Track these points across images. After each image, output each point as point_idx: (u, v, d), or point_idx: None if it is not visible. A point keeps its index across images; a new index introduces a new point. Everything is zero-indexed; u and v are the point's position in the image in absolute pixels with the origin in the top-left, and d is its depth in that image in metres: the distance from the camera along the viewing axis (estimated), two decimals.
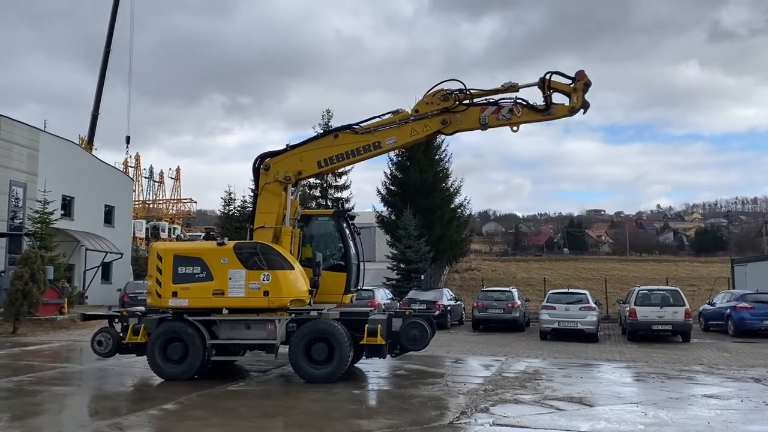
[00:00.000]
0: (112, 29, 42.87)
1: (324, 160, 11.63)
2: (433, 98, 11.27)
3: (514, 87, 11.10)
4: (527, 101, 11.11)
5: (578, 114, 11.06)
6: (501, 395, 9.76)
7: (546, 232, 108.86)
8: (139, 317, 11.40)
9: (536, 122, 11.41)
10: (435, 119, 11.29)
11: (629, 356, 15.77)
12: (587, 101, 10.98)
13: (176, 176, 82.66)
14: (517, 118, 11.10)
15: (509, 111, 11.08)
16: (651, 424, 7.92)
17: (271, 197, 11.61)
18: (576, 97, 10.89)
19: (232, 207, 41.34)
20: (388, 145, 11.64)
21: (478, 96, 11.29)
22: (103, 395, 10.31)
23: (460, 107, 11.19)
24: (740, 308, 21.55)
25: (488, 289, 26.03)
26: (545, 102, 11.00)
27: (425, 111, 11.29)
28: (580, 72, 10.90)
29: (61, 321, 21.62)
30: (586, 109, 11.04)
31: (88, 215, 33.69)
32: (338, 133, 11.65)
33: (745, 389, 10.70)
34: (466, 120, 11.26)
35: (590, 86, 10.93)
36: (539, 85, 11.02)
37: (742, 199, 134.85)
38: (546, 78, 10.92)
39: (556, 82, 10.97)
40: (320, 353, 10.55)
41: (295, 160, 11.71)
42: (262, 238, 11.28)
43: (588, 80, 10.87)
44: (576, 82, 10.87)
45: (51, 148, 31.11)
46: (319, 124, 39.79)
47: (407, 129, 11.40)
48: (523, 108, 11.10)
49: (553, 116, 11.10)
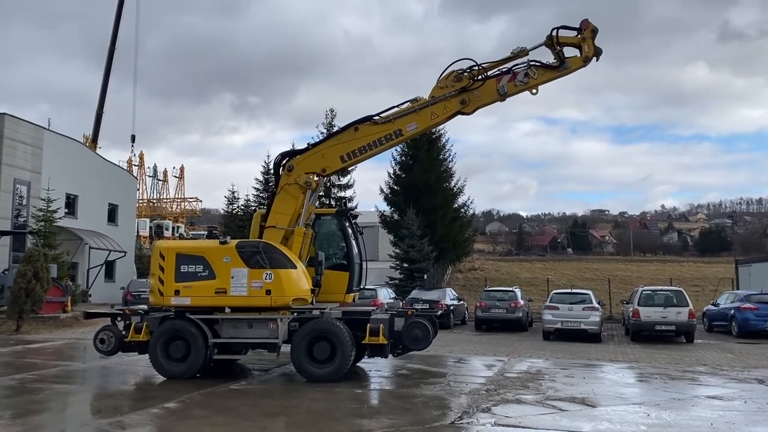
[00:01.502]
0: (117, 29, 43.02)
1: (347, 154, 11.56)
2: (447, 81, 11.23)
3: (524, 51, 11.13)
4: (540, 61, 11.15)
5: (592, 62, 11.04)
6: (503, 395, 9.73)
7: (550, 232, 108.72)
8: (141, 315, 11.41)
9: (554, 80, 11.33)
10: (454, 100, 11.25)
11: (632, 357, 15.72)
12: (599, 47, 10.98)
13: (180, 175, 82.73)
14: (534, 80, 11.12)
15: (525, 75, 11.09)
16: (653, 425, 7.89)
17: (289, 199, 11.54)
18: (587, 45, 10.92)
19: (236, 206, 41.41)
20: (409, 132, 11.58)
21: (491, 68, 11.28)
22: (105, 393, 10.33)
23: (476, 84, 11.15)
24: (744, 309, 21.47)
25: (491, 289, 25.99)
26: (558, 58, 11.03)
27: (442, 95, 11.26)
28: (584, 21, 10.95)
29: (64, 319, 21.67)
30: (599, 56, 11.05)
31: (92, 213, 33.77)
32: (358, 126, 11.57)
33: (748, 390, 10.65)
34: (484, 94, 11.25)
35: (597, 32, 10.94)
36: (547, 43, 11.06)
37: (747, 199, 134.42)
38: (553, 35, 10.95)
39: (563, 36, 11.01)
40: (322, 352, 10.54)
41: (317, 157, 11.66)
42: (271, 238, 11.25)
43: (594, 27, 10.91)
44: (583, 32, 10.91)
45: (55, 146, 31.18)
46: (322, 123, 39.79)
47: (427, 113, 11.36)
48: (538, 69, 11.13)
49: (569, 70, 11.12)
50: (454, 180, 39.23)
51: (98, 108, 43.37)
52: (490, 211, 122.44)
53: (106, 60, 42.98)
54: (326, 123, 39.60)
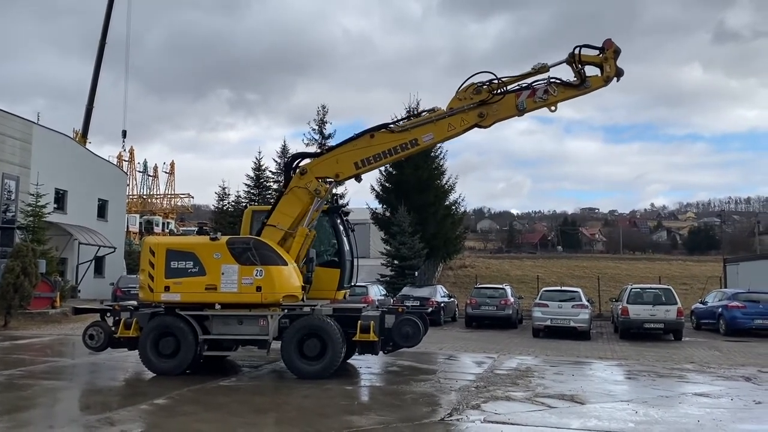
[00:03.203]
0: (108, 23, 42.65)
1: (361, 161, 11.41)
2: (466, 93, 11.10)
3: (545, 68, 11.02)
4: (561, 79, 11.04)
5: (612, 82, 10.96)
6: (493, 392, 9.78)
7: (540, 230, 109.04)
8: (131, 311, 11.37)
9: (573, 98, 11.25)
10: (472, 113, 11.12)
11: (621, 354, 15.83)
12: (620, 68, 10.92)
13: (170, 170, 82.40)
14: (553, 97, 11.00)
15: (545, 92, 10.97)
16: (641, 422, 7.95)
17: (296, 201, 11.44)
18: (608, 65, 10.82)
19: (226, 202, 41.25)
20: (425, 142, 11.46)
21: (510, 83, 11.15)
22: (94, 389, 10.29)
23: (496, 97, 11.05)
24: (732, 307, 21.67)
25: (482, 287, 26.06)
26: (578, 77, 10.95)
27: (460, 107, 11.14)
28: (607, 41, 10.85)
29: (53, 315, 21.54)
30: (620, 77, 10.97)
31: (82, 209, 33.54)
32: (374, 134, 11.44)
33: (735, 388, 10.75)
34: (503, 109, 11.13)
35: (620, 53, 10.87)
36: (569, 60, 10.96)
37: (735, 198, 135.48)
38: (575, 53, 10.86)
39: (586, 55, 10.90)
40: (313, 349, 10.54)
41: (331, 162, 11.53)
42: (269, 236, 11.21)
43: (617, 47, 10.81)
44: (605, 52, 10.82)
45: (44, 141, 30.93)
46: (314, 120, 39.71)
47: (444, 124, 11.24)
48: (558, 86, 11.02)
49: (589, 89, 11.02)
50: (446, 177, 39.29)
51: (88, 103, 43.01)
52: (481, 208, 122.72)
53: (97, 54, 42.61)
54: (318, 120, 39.60)
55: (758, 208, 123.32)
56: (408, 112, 39.37)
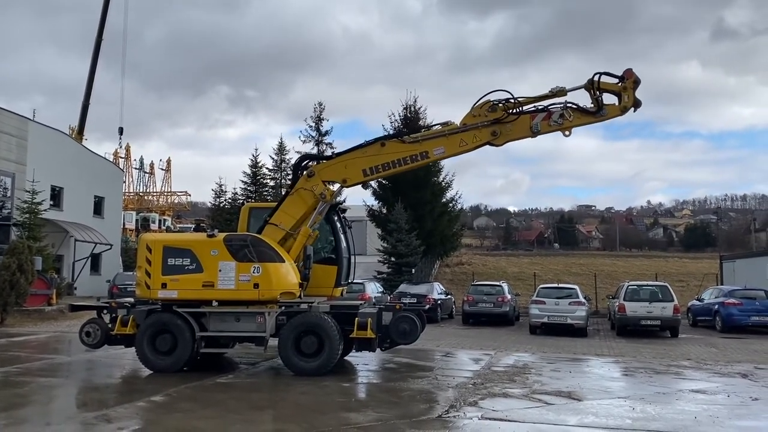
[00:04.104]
0: (104, 19, 42.54)
1: (370, 169, 11.36)
2: (481, 110, 10.98)
3: (562, 91, 10.87)
4: (578, 104, 10.88)
5: (629, 112, 10.84)
6: (490, 389, 9.78)
7: (537, 227, 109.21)
8: (127, 308, 11.33)
9: (588, 125, 11.15)
10: (485, 130, 11.00)
11: (618, 351, 15.86)
12: (638, 99, 10.79)
13: (167, 167, 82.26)
14: (568, 122, 10.86)
15: (560, 116, 10.83)
16: (638, 418, 7.97)
17: (300, 202, 11.41)
18: (627, 96, 10.68)
19: (223, 199, 41.22)
20: (435, 155, 11.40)
21: (526, 103, 11.02)
22: (91, 387, 10.27)
23: (510, 117, 10.93)
24: (728, 304, 21.73)
25: (479, 284, 26.08)
26: (596, 104, 10.81)
27: (474, 123, 11.03)
28: (628, 71, 10.72)
29: (49, 312, 21.49)
30: (638, 107, 10.86)
31: (78, 206, 33.44)
32: (385, 142, 11.40)
33: (731, 385, 10.78)
34: (516, 129, 11.00)
35: (640, 84, 10.74)
36: (587, 86, 10.80)
37: (732, 196, 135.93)
38: (594, 79, 10.72)
39: (605, 82, 10.76)
40: (310, 346, 10.53)
41: (340, 167, 11.49)
42: (270, 235, 11.19)
43: (637, 78, 10.69)
44: (625, 81, 10.69)
45: (40, 137, 30.81)
46: (311, 117, 39.71)
47: (456, 139, 11.13)
48: (574, 112, 10.86)
49: (604, 117, 10.89)
50: (443, 174, 39.25)
51: (84, 99, 42.89)
52: (477, 205, 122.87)
53: (93, 51, 42.52)
54: (315, 117, 39.58)
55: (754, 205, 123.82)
56: (405, 109, 39.45)
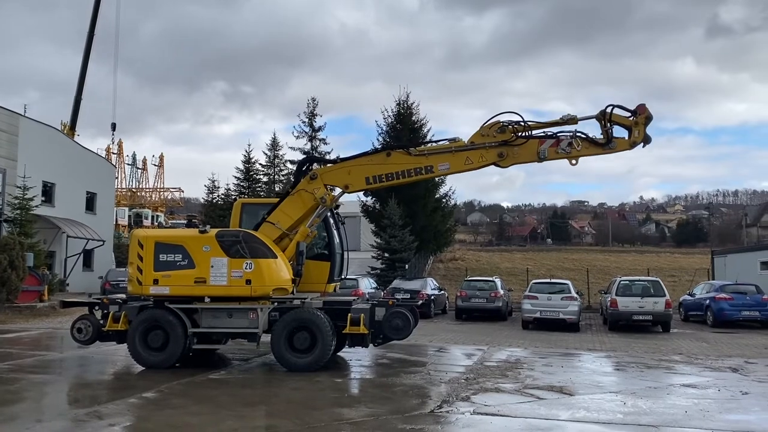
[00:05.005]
0: (96, 14, 42.35)
1: (373, 177, 11.33)
2: (490, 130, 10.93)
3: (573, 119, 10.86)
4: (587, 134, 10.84)
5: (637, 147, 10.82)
6: (482, 384, 9.81)
7: (530, 223, 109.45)
8: (119, 305, 11.29)
9: (595, 155, 11.11)
10: (492, 151, 10.96)
11: (610, 346, 15.92)
12: (648, 135, 10.76)
13: (159, 163, 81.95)
14: (576, 151, 10.83)
15: (569, 144, 10.79)
16: (630, 413, 8.00)
17: (300, 203, 11.39)
18: (637, 131, 10.65)
19: (216, 195, 41.11)
20: (440, 171, 11.39)
21: (536, 128, 11.00)
22: (82, 383, 10.23)
23: (519, 140, 10.89)
24: (719, 299, 21.84)
25: (472, 279, 26.14)
26: (605, 136, 10.78)
27: (481, 143, 11.00)
28: (641, 106, 10.70)
29: (40, 308, 21.40)
30: (647, 143, 10.86)
31: (70, 202, 33.27)
32: (391, 152, 11.37)
33: (722, 379, 10.84)
34: (524, 153, 10.96)
35: (651, 120, 10.70)
36: (599, 117, 10.79)
37: (723, 191, 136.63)
38: (606, 111, 10.70)
39: (617, 115, 10.73)
40: (303, 342, 10.53)
41: (343, 172, 11.45)
42: (266, 233, 11.16)
43: (649, 114, 10.66)
44: (637, 116, 10.66)
45: (31, 133, 30.60)
46: (304, 112, 39.63)
47: (462, 157, 11.11)
48: (582, 141, 10.82)
49: (612, 150, 10.87)
50: None
51: (77, 95, 42.68)
52: (471, 201, 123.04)
53: (85, 46, 42.32)
54: (308, 112, 39.49)
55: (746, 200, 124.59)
56: (398, 105, 39.42)
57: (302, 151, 39.16)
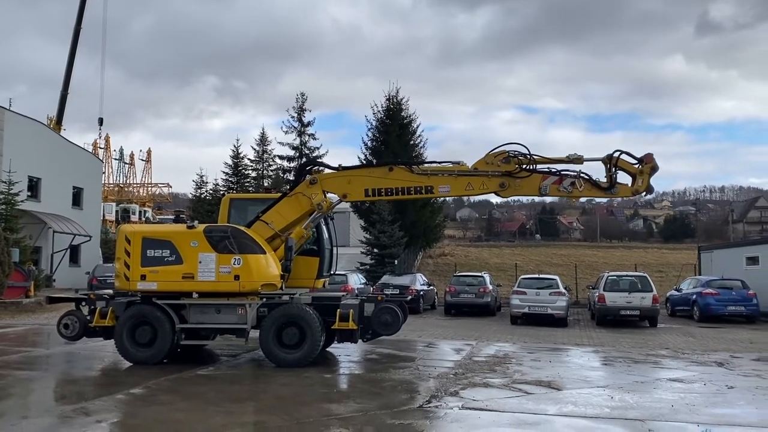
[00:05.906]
0: (83, 7, 41.99)
1: (372, 190, 11.30)
2: (495, 159, 10.92)
3: (579, 159, 10.87)
4: (590, 176, 10.88)
5: (639, 195, 10.93)
6: (471, 379, 9.84)
7: (519, 219, 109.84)
8: (106, 300, 11.21)
9: (596, 198, 11.20)
10: (494, 180, 10.96)
11: (597, 341, 16.03)
12: (652, 186, 10.84)
13: (147, 158, 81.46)
14: (578, 191, 10.87)
15: (571, 184, 10.82)
16: (617, 407, 8.06)
17: (296, 206, 11.34)
18: (642, 180, 10.72)
19: (204, 190, 40.92)
20: (440, 192, 11.41)
21: (541, 163, 10.99)
22: (69, 379, 10.16)
23: (522, 173, 10.88)
24: (706, 294, 22.06)
25: (461, 275, 26.20)
26: (609, 180, 10.83)
27: (485, 170, 11.00)
28: (648, 155, 10.74)
29: (27, 304, 21.22)
30: (649, 193, 10.95)
31: (56, 197, 32.99)
32: (393, 167, 11.34)
33: (708, 373, 10.94)
34: (525, 186, 10.98)
35: (657, 170, 10.76)
36: (605, 161, 10.84)
37: (710, 187, 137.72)
38: (613, 156, 10.74)
39: (623, 161, 10.77)
40: (291, 338, 10.50)
41: (343, 181, 11.41)
42: (259, 231, 11.10)
43: (656, 164, 10.71)
44: (643, 165, 10.70)
45: (16, 127, 30.30)
46: (293, 108, 39.52)
47: (464, 182, 11.10)
48: (585, 182, 10.86)
49: (614, 195, 11.00)
50: None
51: (63, 89, 42.30)
52: (460, 197, 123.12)
53: (72, 39, 41.94)
54: (297, 107, 39.39)
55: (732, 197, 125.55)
56: (388, 100, 39.40)
57: (291, 146, 39.08)
